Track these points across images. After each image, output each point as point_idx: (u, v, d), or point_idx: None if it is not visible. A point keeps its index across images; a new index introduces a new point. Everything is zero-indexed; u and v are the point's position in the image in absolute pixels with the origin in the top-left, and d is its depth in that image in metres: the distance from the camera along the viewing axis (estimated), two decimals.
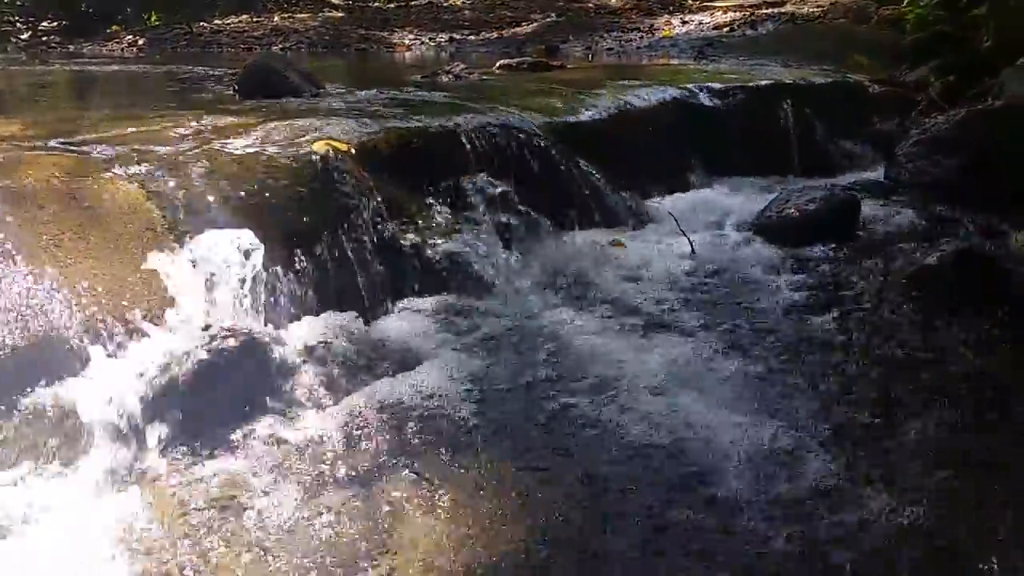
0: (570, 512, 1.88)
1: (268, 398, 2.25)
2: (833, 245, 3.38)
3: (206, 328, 2.25)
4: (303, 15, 11.47)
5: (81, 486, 1.93)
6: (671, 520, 1.84)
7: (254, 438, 2.13)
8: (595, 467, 2.03)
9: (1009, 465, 2.05)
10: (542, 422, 2.22)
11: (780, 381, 2.41)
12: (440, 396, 2.30)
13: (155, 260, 2.32)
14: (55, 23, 10.45)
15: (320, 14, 11.65)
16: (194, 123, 3.20)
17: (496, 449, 2.10)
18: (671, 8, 10.32)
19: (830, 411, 2.26)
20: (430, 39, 9.34)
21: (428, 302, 2.85)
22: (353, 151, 2.98)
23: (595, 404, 2.29)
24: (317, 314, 2.60)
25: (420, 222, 3.04)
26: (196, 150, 2.81)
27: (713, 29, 8.24)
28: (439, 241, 3.00)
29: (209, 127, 3.13)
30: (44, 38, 9.77)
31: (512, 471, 2.02)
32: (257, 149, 2.87)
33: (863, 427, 2.18)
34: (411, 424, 2.18)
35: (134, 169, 2.60)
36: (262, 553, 1.75)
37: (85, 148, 2.79)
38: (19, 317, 2.05)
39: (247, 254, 2.45)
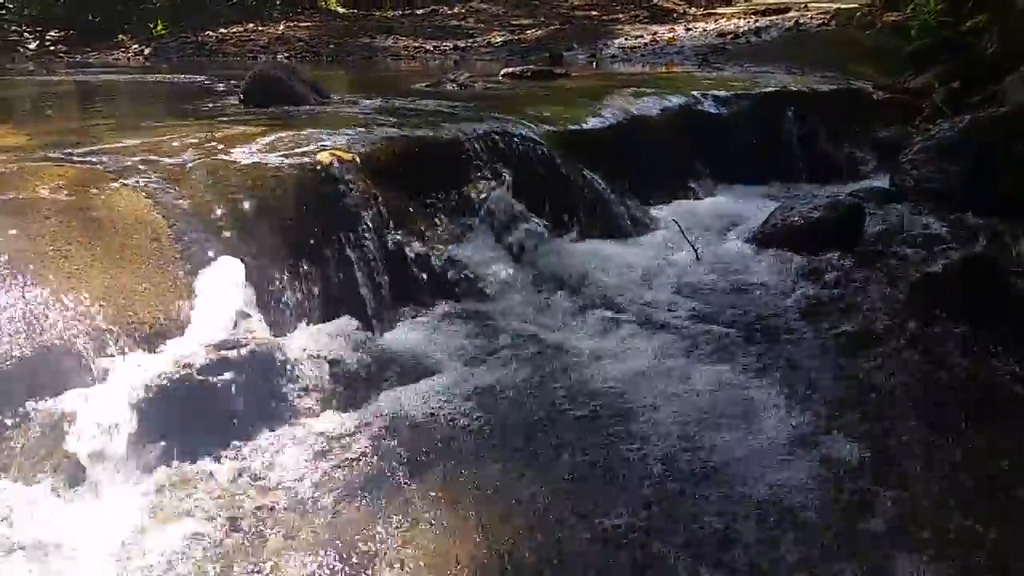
0: (575, 520, 1.88)
1: (274, 407, 2.26)
2: (838, 253, 3.37)
3: (213, 337, 2.26)
4: (308, 24, 11.52)
5: (86, 494, 1.93)
6: (672, 528, 1.84)
7: (259, 448, 2.13)
8: (601, 476, 2.03)
9: (1011, 469, 2.04)
10: (547, 430, 2.22)
11: (784, 388, 2.40)
12: (446, 405, 2.30)
13: (161, 270, 2.33)
14: (62, 33, 10.50)
15: (325, 23, 11.69)
16: (200, 133, 3.22)
17: (502, 458, 2.10)
18: (675, 15, 10.34)
19: (833, 418, 2.26)
20: (434, 47, 9.36)
21: (433, 310, 2.86)
22: (358, 160, 2.99)
23: (601, 413, 2.29)
24: (322, 323, 2.61)
25: (425, 231, 3.05)
26: (202, 160, 2.82)
27: (717, 36, 8.24)
28: (444, 250, 3.01)
29: (215, 137, 3.15)
30: (51, 47, 9.82)
31: (518, 480, 2.02)
32: (262, 159, 2.88)
33: (866, 435, 2.18)
34: (417, 433, 2.18)
35: (140, 179, 2.61)
36: (266, 561, 1.75)
37: (91, 158, 2.80)
38: (26, 327, 2.06)
39: (253, 264, 2.46)
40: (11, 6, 11.01)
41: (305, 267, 2.62)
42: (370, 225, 2.85)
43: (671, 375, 2.47)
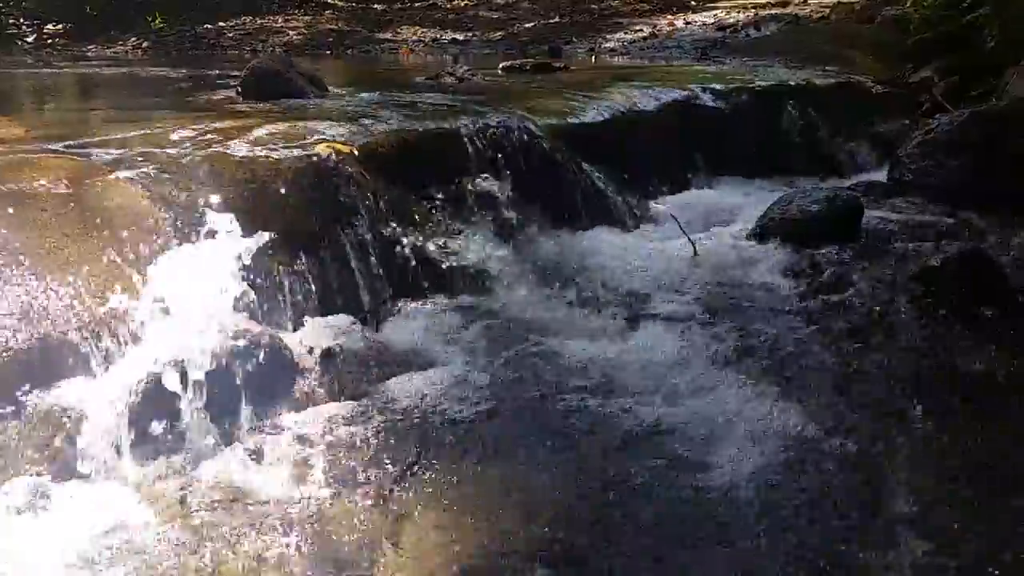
0: (574, 513, 1.88)
1: (271, 400, 2.26)
2: (836, 247, 3.37)
3: (210, 330, 2.25)
4: (307, 17, 11.49)
5: (83, 487, 1.94)
6: (671, 523, 1.84)
7: (256, 440, 2.13)
8: (599, 469, 2.04)
9: (1011, 463, 2.05)
10: (545, 424, 2.22)
11: (782, 382, 2.40)
12: (443, 400, 2.30)
13: (158, 262, 2.33)
14: (60, 26, 10.48)
15: (323, 16, 11.66)
16: (198, 125, 3.21)
17: (499, 451, 2.10)
18: (674, 9, 10.31)
19: (831, 412, 2.26)
20: (433, 40, 9.34)
21: (431, 303, 2.85)
22: (356, 153, 2.99)
23: (599, 406, 2.29)
24: (320, 316, 2.61)
25: (423, 223, 3.04)
26: (199, 152, 2.82)
27: (717, 30, 8.22)
28: (442, 242, 3.00)
29: (212, 129, 3.14)
30: (49, 40, 9.80)
31: (516, 473, 2.02)
32: (260, 151, 2.88)
33: (865, 429, 2.18)
34: (414, 426, 2.19)
35: (137, 172, 2.60)
36: (264, 554, 1.75)
37: (89, 151, 2.80)
38: (22, 319, 2.06)
39: (251, 257, 2.46)
40: None
41: (302, 260, 2.62)
42: (368, 218, 2.84)
43: (668, 371, 2.47)
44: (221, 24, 10.58)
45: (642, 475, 2.00)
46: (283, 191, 2.70)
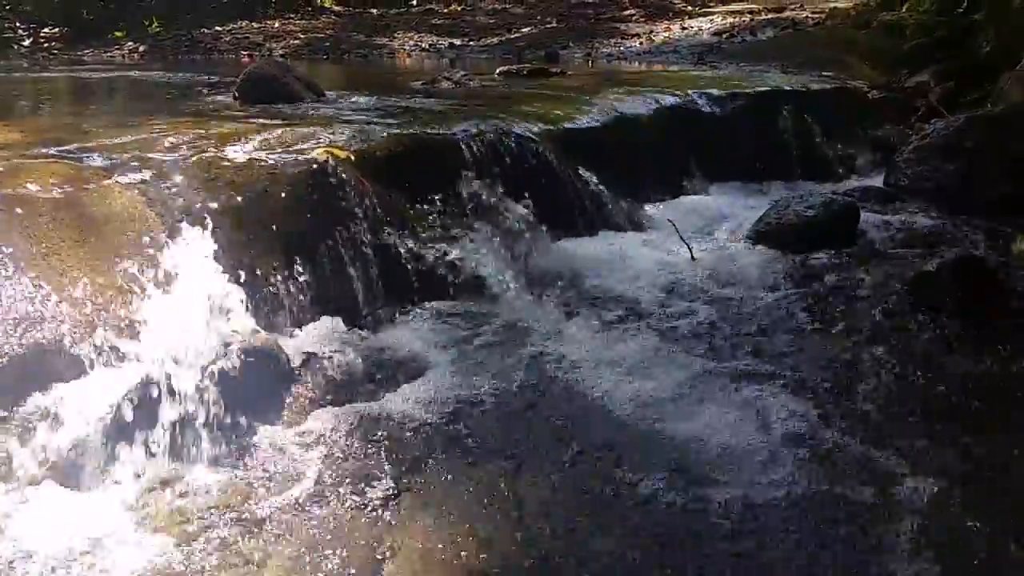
0: (571, 520, 1.88)
1: (268, 405, 2.25)
2: (833, 251, 3.38)
3: (206, 336, 2.25)
4: (303, 21, 11.50)
5: (76, 492, 1.93)
6: (666, 525, 1.84)
7: (254, 445, 2.12)
8: (595, 475, 2.03)
9: (1008, 466, 2.05)
10: (538, 433, 2.21)
11: (780, 387, 2.40)
12: (438, 406, 2.30)
13: (154, 267, 2.32)
14: (57, 30, 10.49)
15: (320, 20, 11.67)
16: (194, 130, 3.21)
17: (496, 457, 2.10)
18: (671, 14, 10.34)
19: (830, 417, 2.26)
20: (430, 45, 9.36)
21: (427, 308, 2.85)
22: (353, 158, 2.99)
23: (595, 412, 2.29)
24: (317, 321, 2.61)
25: (419, 229, 3.04)
26: (196, 157, 2.82)
27: (713, 35, 8.25)
28: (438, 247, 3.00)
29: (209, 134, 3.14)
30: (46, 45, 9.81)
31: (507, 481, 2.02)
32: (257, 156, 2.88)
33: (863, 432, 2.18)
34: (410, 432, 2.18)
35: (134, 177, 2.60)
36: (258, 561, 1.75)
37: (85, 156, 2.79)
38: (18, 325, 2.05)
39: (247, 262, 2.45)
40: (6, 3, 10.98)
41: (299, 265, 2.62)
42: (364, 223, 2.84)
43: (665, 377, 2.47)
44: (218, 28, 10.59)
45: (638, 480, 2.00)
46: (280, 196, 2.70)
